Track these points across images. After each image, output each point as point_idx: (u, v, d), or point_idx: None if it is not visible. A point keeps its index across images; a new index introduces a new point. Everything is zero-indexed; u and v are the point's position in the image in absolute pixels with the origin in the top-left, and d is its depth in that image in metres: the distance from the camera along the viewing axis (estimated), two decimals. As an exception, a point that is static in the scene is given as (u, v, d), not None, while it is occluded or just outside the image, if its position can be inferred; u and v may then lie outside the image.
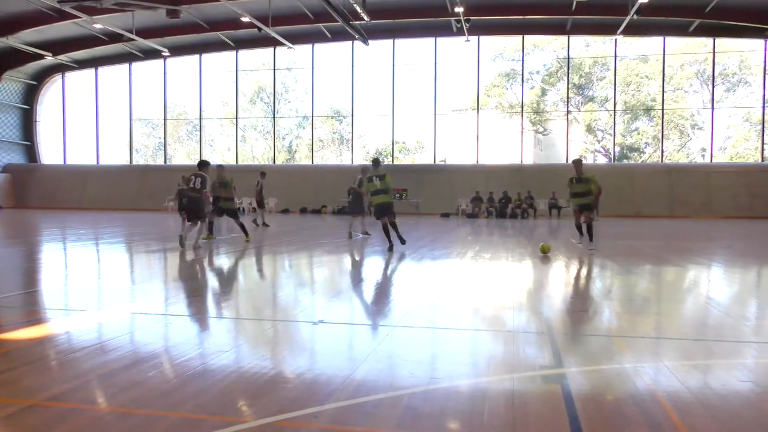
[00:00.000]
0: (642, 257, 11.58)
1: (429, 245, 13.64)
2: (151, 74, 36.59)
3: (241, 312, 6.49)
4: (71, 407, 3.37)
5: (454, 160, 35.70)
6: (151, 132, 40.57)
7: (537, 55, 36.80)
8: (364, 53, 33.47)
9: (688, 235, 18.09)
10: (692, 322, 6.08)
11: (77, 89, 37.78)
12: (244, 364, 4.24)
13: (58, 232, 15.42)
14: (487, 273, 9.46)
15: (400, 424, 3.18)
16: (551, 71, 37.16)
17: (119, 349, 4.59)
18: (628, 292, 7.88)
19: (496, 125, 36.05)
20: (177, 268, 9.83)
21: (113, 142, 38.67)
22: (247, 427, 3.08)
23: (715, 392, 3.73)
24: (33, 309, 6.38)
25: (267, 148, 38.75)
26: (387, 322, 5.80)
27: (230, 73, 36.05)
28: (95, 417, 3.26)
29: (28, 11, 27.44)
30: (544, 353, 4.63)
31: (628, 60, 35.72)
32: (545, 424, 3.20)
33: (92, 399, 3.60)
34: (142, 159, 40.02)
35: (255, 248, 12.80)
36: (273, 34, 28.23)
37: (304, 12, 28.55)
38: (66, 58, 34.62)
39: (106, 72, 36.92)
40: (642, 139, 37.08)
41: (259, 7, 26.67)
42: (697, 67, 35.02)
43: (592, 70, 36.80)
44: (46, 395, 3.55)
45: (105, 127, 37.58)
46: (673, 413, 3.32)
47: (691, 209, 29.49)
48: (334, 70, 35.21)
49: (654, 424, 3.18)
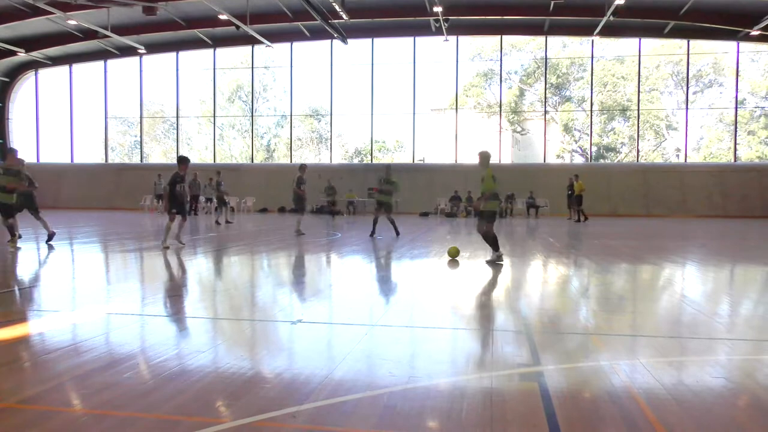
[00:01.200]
0: (618, 256, 11.72)
1: (408, 244, 13.67)
2: (127, 72, 36.12)
3: (218, 312, 6.44)
4: (45, 409, 3.32)
5: (432, 159, 35.80)
6: (127, 130, 40.06)
7: (515, 55, 37.04)
8: (343, 52, 33.42)
9: (663, 234, 18.36)
10: (667, 319, 6.17)
11: (51, 86, 37.15)
12: (222, 365, 4.21)
13: (31, 232, 15.17)
14: (465, 272, 9.49)
15: (379, 423, 3.18)
16: (529, 71, 37.42)
17: (94, 350, 4.53)
18: (605, 290, 7.97)
19: (474, 125, 36.20)
20: (153, 268, 9.72)
21: (88, 140, 38.10)
22: (225, 427, 3.06)
23: (689, 388, 3.79)
24: (6, 310, 6.27)
25: (245, 147, 38.50)
26: (366, 321, 5.79)
27: (208, 71, 35.73)
28: (70, 419, 3.21)
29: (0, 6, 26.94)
30: (521, 351, 4.67)
31: (604, 61, 36.10)
32: (523, 422, 3.23)
33: (67, 401, 3.54)
34: (117, 157, 39.51)
35: (220, 249, 12.71)
36: (251, 32, 28.06)
37: (282, 10, 28.41)
38: (39, 55, 34.04)
39: (81, 69, 36.36)
40: (618, 139, 37.52)
41: (237, 5, 26.49)
42: (672, 68, 35.51)
43: (569, 71, 37.14)
44: (19, 397, 3.49)
45: (80, 125, 37.01)
46: (648, 410, 3.36)
47: (666, 208, 29.92)
48: (313, 68, 35.11)
49: (630, 421, 3.22)
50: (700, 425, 3.20)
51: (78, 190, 34.76)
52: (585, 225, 22.18)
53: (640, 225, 22.59)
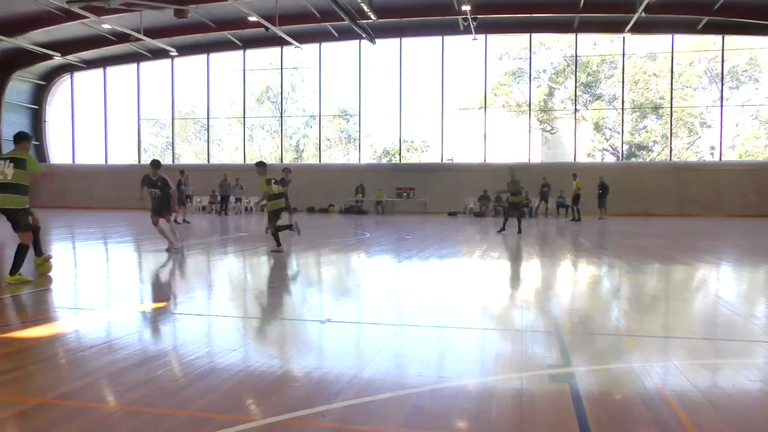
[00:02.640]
0: (650, 256, 11.53)
1: (436, 244, 13.63)
2: (159, 74, 36.68)
3: (248, 311, 6.50)
4: (80, 405, 3.39)
5: (461, 158, 35.62)
6: (159, 131, 40.69)
7: (544, 53, 36.63)
8: (371, 52, 33.45)
9: (696, 233, 18.00)
10: (701, 321, 6.05)
11: (86, 89, 37.93)
12: (252, 363, 4.25)
13: (66, 232, 15.49)
14: (494, 272, 9.44)
15: (408, 423, 3.17)
16: (558, 70, 37.01)
17: (127, 348, 4.62)
18: (636, 290, 7.85)
19: (503, 124, 35.93)
20: (185, 268, 9.86)
21: (121, 141, 38.82)
22: (254, 425, 3.09)
23: (724, 392, 3.71)
24: (43, 308, 6.42)
25: (274, 148, 38.80)
26: (394, 321, 5.79)
27: (238, 73, 36.09)
28: (104, 415, 3.28)
29: (36, 11, 27.57)
30: (552, 352, 4.62)
31: (636, 58, 35.52)
32: (553, 423, 3.20)
33: (101, 397, 3.62)
34: (150, 159, 40.12)
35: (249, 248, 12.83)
36: (280, 34, 28.26)
37: (311, 11, 28.55)
38: (74, 58, 34.78)
39: (115, 72, 37.05)
40: (650, 138, 36.88)
41: (266, 7, 26.69)
42: (706, 65, 34.79)
43: (599, 68, 36.62)
44: (55, 393, 3.57)
45: (113, 127, 37.72)
46: (682, 413, 3.30)
47: (699, 207, 29.32)
48: (341, 69, 35.22)
49: (662, 424, 3.17)
50: (736, 430, 3.13)
51: (111, 190, 35.40)
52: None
53: (673, 224, 22.19)
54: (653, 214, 28.71)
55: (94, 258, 11.39)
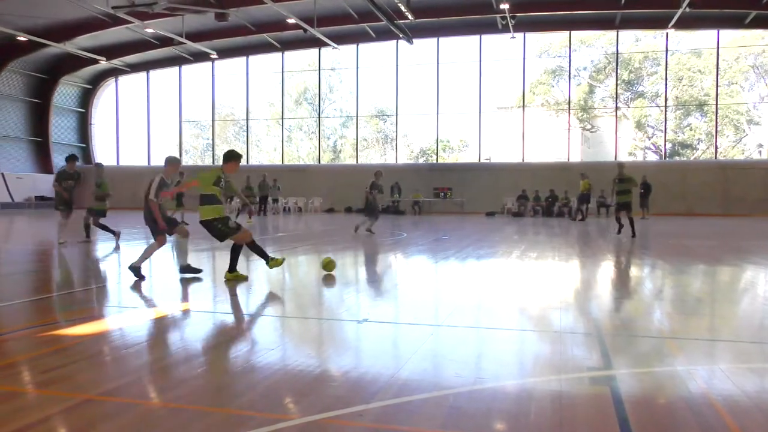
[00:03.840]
0: (695, 256, 11.24)
1: (474, 244, 13.55)
2: (200, 76, 37.40)
3: (286, 310, 6.57)
4: (125, 402, 3.47)
5: (499, 158, 35.33)
6: (200, 133, 41.44)
7: (584, 51, 36.08)
8: (408, 52, 33.46)
9: (743, 233, 17.48)
10: (749, 323, 5.87)
11: (130, 92, 38.92)
12: (290, 362, 4.29)
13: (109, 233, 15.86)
14: (533, 272, 9.33)
15: (445, 423, 3.16)
16: (599, 67, 36.39)
17: (170, 346, 4.71)
18: (680, 292, 7.66)
19: (542, 123, 35.51)
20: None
21: (163, 143, 39.70)
22: (293, 424, 3.11)
23: (773, 397, 3.59)
24: (89, 306, 6.59)
25: (312, 148, 39.13)
26: (431, 321, 5.78)
27: (276, 74, 36.54)
28: (147, 412, 3.35)
29: (83, 17, 28.42)
30: (592, 354, 4.54)
31: (680, 54, 34.70)
32: (594, 427, 3.14)
33: (144, 394, 3.70)
34: (191, 160, 40.89)
35: (288, 248, 12.93)
36: (318, 35, 28.48)
37: (348, 12, 28.71)
38: (119, 62, 35.70)
39: (157, 75, 37.91)
40: (695, 136, 35.95)
41: (305, 9, 26.95)
42: (753, 60, 33.76)
43: (642, 66, 35.87)
44: (101, 390, 3.67)
45: (156, 129, 38.60)
46: (729, 418, 3.21)
47: (747, 207, 28.47)
48: (379, 69, 35.31)
49: (709, 429, 3.08)
50: (785, 436, 3.02)
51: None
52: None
53: (718, 224, 21.60)
54: (698, 214, 28.01)
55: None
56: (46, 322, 5.59)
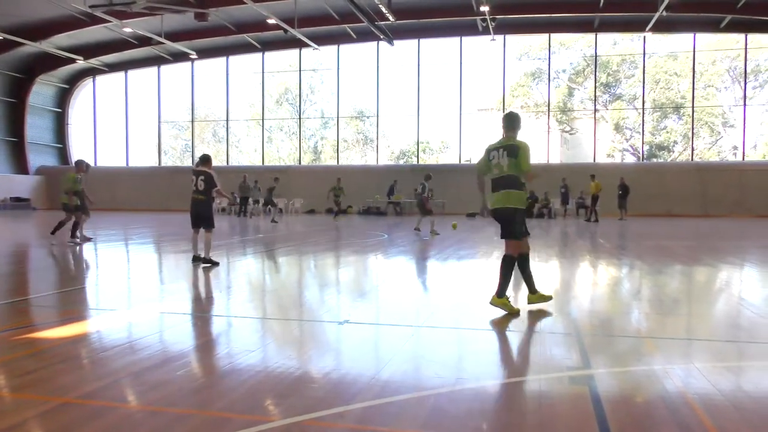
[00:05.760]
0: (672, 257, 11.39)
1: (455, 245, 13.59)
2: (179, 77, 37.08)
3: (267, 312, 6.54)
4: (103, 405, 3.43)
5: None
6: (179, 134, 41.10)
7: (563, 53, 36.38)
8: (389, 53, 33.48)
9: (720, 234, 17.76)
10: (724, 323, 5.97)
11: (107, 92, 38.47)
12: (271, 364, 4.27)
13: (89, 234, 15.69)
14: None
15: (426, 424, 3.17)
16: (578, 70, 36.72)
17: (149, 348, 4.66)
18: (658, 292, 7.76)
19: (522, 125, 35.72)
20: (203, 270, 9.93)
21: (142, 144, 39.31)
22: (274, 426, 3.10)
23: (748, 395, 3.66)
24: (66, 308, 6.51)
25: (293, 149, 38.99)
26: (412, 322, 5.79)
27: (256, 75, 36.36)
28: (126, 415, 3.32)
29: (60, 16, 28.03)
30: (571, 354, 4.58)
31: (657, 57, 35.14)
32: (573, 426, 3.17)
33: (123, 397, 3.66)
34: (170, 161, 40.53)
35: (268, 250, 12.88)
36: (299, 36, 28.39)
37: (329, 13, 28.66)
38: (97, 62, 35.26)
39: (136, 75, 37.51)
40: (671, 138, 36.43)
41: (285, 9, 26.84)
42: (729, 64, 34.30)
43: (620, 68, 36.27)
44: (78, 393, 3.62)
45: (134, 130, 38.20)
46: (705, 416, 3.26)
47: (723, 208, 28.92)
48: (359, 70, 35.31)
49: (684, 427, 3.13)
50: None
51: (133, 192, 35.84)
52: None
53: (695, 225, 21.91)
54: (676, 215, 28.38)
55: (116, 260, 11.52)
56: (22, 325, 5.51)
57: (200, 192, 9.80)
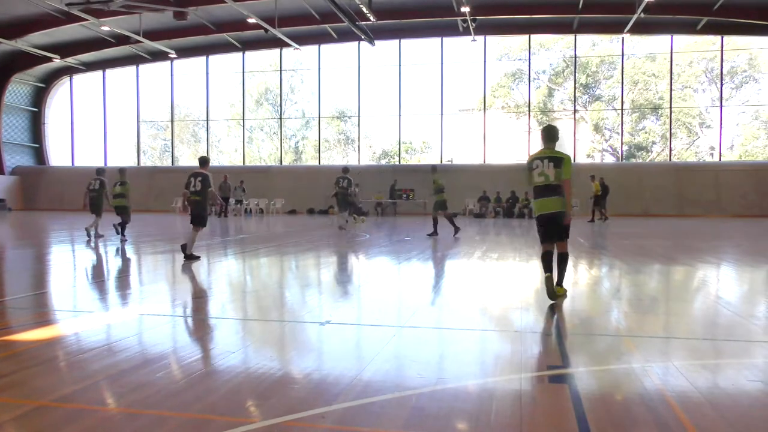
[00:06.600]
0: (650, 256, 11.53)
1: (436, 245, 13.63)
2: (158, 76, 36.72)
3: (248, 313, 6.50)
4: (80, 408, 3.39)
5: (460, 160, 35.62)
6: (158, 134, 40.70)
7: (543, 54, 36.65)
8: (370, 54, 33.48)
9: (697, 233, 18.00)
10: (701, 321, 6.05)
11: (85, 91, 37.97)
12: (252, 365, 4.25)
13: (66, 234, 15.49)
14: (494, 273, 9.43)
15: (408, 424, 3.17)
16: (558, 71, 37.01)
17: (127, 350, 4.61)
18: (637, 291, 7.85)
19: (502, 125, 35.94)
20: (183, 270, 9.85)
21: (121, 143, 38.86)
22: (255, 427, 3.08)
23: (724, 392, 3.71)
24: (42, 310, 6.42)
25: (274, 149, 38.82)
26: (394, 322, 5.79)
27: (237, 75, 36.14)
28: (104, 417, 3.27)
29: (36, 14, 27.60)
30: (551, 353, 4.62)
31: (635, 58, 35.53)
32: (553, 425, 3.19)
33: (101, 400, 3.61)
34: (149, 161, 40.14)
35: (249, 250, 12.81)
36: (279, 35, 28.27)
37: (310, 13, 28.58)
38: (74, 61, 34.80)
39: (114, 74, 37.09)
40: (650, 138, 36.87)
41: (266, 8, 26.72)
42: (706, 65, 34.79)
43: (599, 69, 36.62)
44: (55, 396, 3.57)
45: (112, 129, 37.75)
46: (682, 413, 3.30)
47: (700, 208, 29.34)
48: (341, 70, 35.25)
49: (663, 424, 3.16)
50: (735, 430, 3.12)
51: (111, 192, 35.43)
52: (607, 225, 21.90)
53: (673, 225, 22.20)
54: (654, 215, 28.73)
55: (94, 261, 11.38)
56: (-3, 328, 5.42)
57: (197, 192, 10.48)
